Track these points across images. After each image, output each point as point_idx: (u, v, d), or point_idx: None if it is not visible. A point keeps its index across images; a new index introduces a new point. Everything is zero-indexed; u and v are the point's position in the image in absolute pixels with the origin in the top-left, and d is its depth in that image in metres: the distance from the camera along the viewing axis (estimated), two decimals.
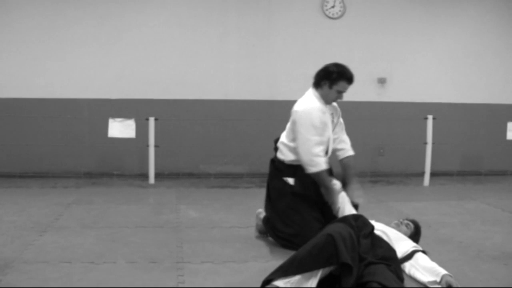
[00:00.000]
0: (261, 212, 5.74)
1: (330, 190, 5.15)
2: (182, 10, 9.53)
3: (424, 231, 5.24)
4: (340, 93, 5.28)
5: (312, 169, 5.10)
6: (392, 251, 4.32)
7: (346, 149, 5.54)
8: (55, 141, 9.24)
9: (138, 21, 9.41)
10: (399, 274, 4.14)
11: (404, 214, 6.25)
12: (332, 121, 5.36)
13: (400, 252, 4.50)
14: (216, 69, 9.59)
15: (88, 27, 9.27)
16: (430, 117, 9.16)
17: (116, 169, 9.53)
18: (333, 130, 5.36)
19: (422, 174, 9.27)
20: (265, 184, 6.01)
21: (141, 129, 8.81)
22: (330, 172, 5.29)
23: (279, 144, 5.46)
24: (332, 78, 5.24)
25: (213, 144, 9.61)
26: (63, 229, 5.87)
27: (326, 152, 5.30)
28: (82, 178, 9.26)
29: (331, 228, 4.04)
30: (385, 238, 4.47)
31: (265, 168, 9.60)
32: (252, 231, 5.81)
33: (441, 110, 9.64)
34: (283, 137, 5.44)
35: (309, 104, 5.20)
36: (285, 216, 5.27)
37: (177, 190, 8.45)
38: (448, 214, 7.01)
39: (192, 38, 9.54)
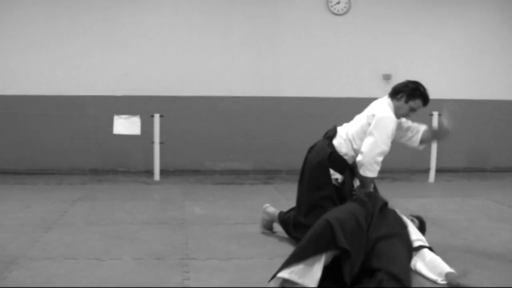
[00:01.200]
0: (268, 206, 5.74)
1: (365, 188, 5.20)
2: (187, 8, 9.53)
3: (429, 228, 5.24)
4: (412, 110, 5.25)
5: (368, 173, 5.10)
6: (402, 221, 4.33)
7: (419, 127, 5.50)
8: (61, 138, 9.25)
9: (143, 18, 9.42)
10: (410, 247, 4.17)
11: (409, 210, 6.23)
12: None
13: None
14: (221, 66, 9.59)
15: (94, 24, 9.28)
16: (435, 113, 9.13)
17: (122, 166, 9.54)
18: None
19: (427, 170, 9.26)
20: (270, 181, 5.99)
21: (146, 126, 8.81)
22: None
23: (345, 137, 5.31)
24: (411, 93, 5.21)
25: (218, 140, 9.61)
26: (68, 225, 5.89)
27: None
28: (88, 175, 9.28)
29: (331, 214, 4.10)
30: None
31: (270, 164, 9.71)
32: (257, 228, 5.81)
33: None
34: (353, 134, 5.28)
35: (388, 113, 5.16)
36: (311, 209, 5.25)
37: (182, 186, 8.46)
38: (454, 210, 7.00)
39: (197, 35, 9.54)
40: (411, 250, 4.17)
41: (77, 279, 4.24)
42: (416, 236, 4.63)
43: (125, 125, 8.75)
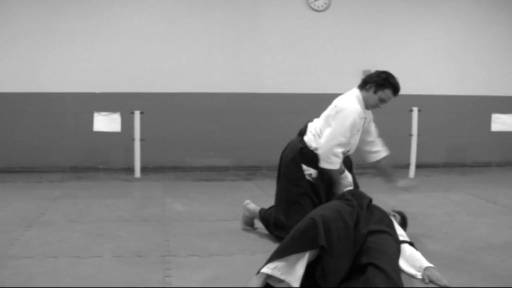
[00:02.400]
0: (249, 203, 5.73)
1: (337, 184, 5.22)
2: (167, 4, 9.50)
3: (409, 223, 5.27)
4: (382, 101, 5.24)
5: (325, 165, 5.12)
6: (389, 219, 4.36)
7: (381, 150, 5.64)
8: (40, 135, 9.18)
9: (123, 14, 9.37)
10: (398, 243, 4.20)
11: (390, 206, 6.25)
12: (362, 125, 5.36)
13: None
14: (201, 62, 9.57)
15: (73, 21, 9.21)
16: (415, 109, 9.20)
17: (102, 163, 9.49)
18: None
19: (407, 166, 9.30)
20: (251, 177, 5.94)
21: (127, 123, 8.78)
22: (350, 165, 5.42)
23: (314, 132, 5.32)
24: (380, 83, 5.19)
25: (199, 137, 9.59)
26: (49, 223, 5.85)
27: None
28: (68, 172, 9.22)
29: (316, 211, 4.08)
30: None
31: (251, 160, 9.72)
32: (239, 224, 5.81)
33: (426, 102, 9.68)
34: (320, 128, 5.28)
35: (351, 104, 5.15)
36: (289, 206, 5.25)
37: (163, 183, 8.44)
38: (434, 205, 7.05)
39: (178, 31, 9.51)
40: (399, 247, 4.19)
41: (58, 277, 4.21)
42: (397, 232, 4.66)
43: (105, 122, 8.71)
